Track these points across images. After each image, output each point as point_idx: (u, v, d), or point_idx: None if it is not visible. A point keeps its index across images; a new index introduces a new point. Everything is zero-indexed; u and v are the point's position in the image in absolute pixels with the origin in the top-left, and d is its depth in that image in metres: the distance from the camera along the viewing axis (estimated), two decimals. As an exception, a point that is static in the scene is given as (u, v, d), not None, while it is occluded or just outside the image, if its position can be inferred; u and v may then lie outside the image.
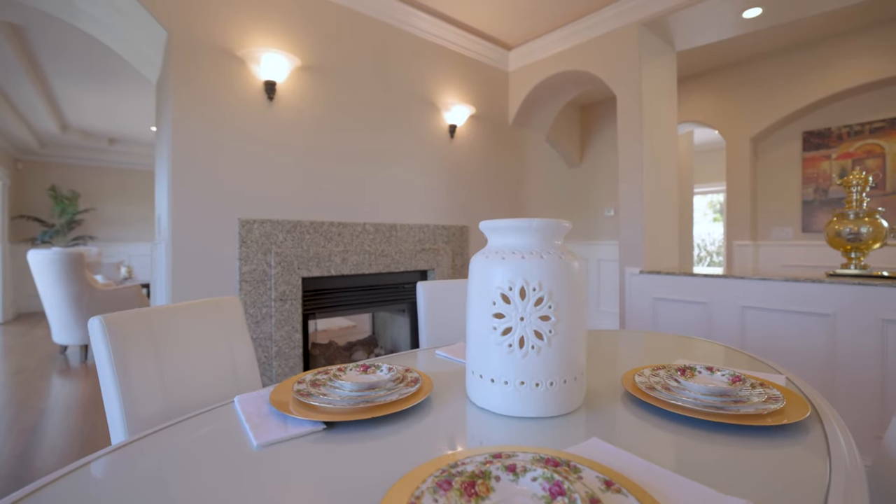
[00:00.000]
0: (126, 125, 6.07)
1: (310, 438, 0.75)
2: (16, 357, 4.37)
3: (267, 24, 2.26)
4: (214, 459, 0.69)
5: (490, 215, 3.29)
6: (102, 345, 0.91)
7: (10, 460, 2.25)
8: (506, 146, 3.42)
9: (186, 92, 2.03)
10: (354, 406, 0.81)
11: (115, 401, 0.90)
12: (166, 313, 1.05)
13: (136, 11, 2.02)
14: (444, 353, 1.27)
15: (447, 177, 3.02)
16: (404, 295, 2.81)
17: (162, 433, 0.77)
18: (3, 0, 2.28)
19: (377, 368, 1.00)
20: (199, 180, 2.06)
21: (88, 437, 2.54)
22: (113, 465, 0.68)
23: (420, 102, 2.87)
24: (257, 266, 2.19)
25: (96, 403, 3.08)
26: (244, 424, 0.78)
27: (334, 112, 2.49)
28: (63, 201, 6.95)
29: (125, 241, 7.68)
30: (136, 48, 2.42)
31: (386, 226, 2.67)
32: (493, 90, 3.32)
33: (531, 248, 0.82)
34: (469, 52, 3.13)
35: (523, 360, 0.79)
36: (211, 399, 1.08)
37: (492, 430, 0.77)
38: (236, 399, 0.90)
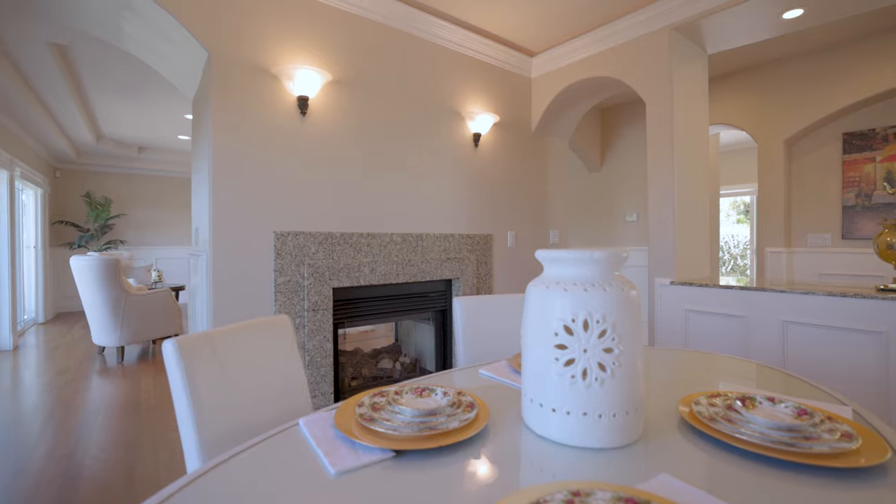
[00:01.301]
0: (154, 134, 6.25)
1: (382, 466, 0.77)
2: (59, 356, 4.54)
3: (299, 42, 2.31)
4: (295, 487, 0.72)
5: (513, 224, 3.30)
6: (176, 366, 0.95)
7: (63, 458, 2.35)
8: (529, 153, 3.42)
9: (225, 110, 2.09)
10: (419, 433, 0.84)
11: (189, 419, 0.94)
12: (227, 334, 1.09)
13: (180, 35, 2.09)
14: (488, 373, 1.29)
15: (471, 186, 3.04)
16: (430, 304, 2.84)
17: (237, 459, 0.81)
18: (55, 24, 2.39)
19: (432, 392, 1.03)
20: (237, 194, 2.12)
21: (133, 438, 2.64)
22: (195, 496, 0.72)
23: (445, 112, 2.89)
24: (291, 277, 2.24)
25: (135, 405, 3.19)
26: (316, 450, 0.82)
27: (363, 124, 2.53)
28: (97, 207, 7.20)
29: (153, 244, 7.90)
30: (174, 66, 2.50)
31: (413, 236, 2.70)
32: (516, 97, 3.33)
33: (592, 279, 0.84)
34: (492, 59, 3.14)
35: (586, 392, 0.80)
36: (271, 417, 1.12)
37: (555, 460, 0.79)
38: (301, 422, 0.93)
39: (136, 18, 2.17)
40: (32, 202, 6.30)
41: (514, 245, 3.28)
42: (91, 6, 2.15)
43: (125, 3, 2.06)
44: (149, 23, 2.16)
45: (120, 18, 2.22)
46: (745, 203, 7.61)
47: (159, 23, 2.11)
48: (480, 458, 0.81)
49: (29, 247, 6.12)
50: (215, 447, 0.97)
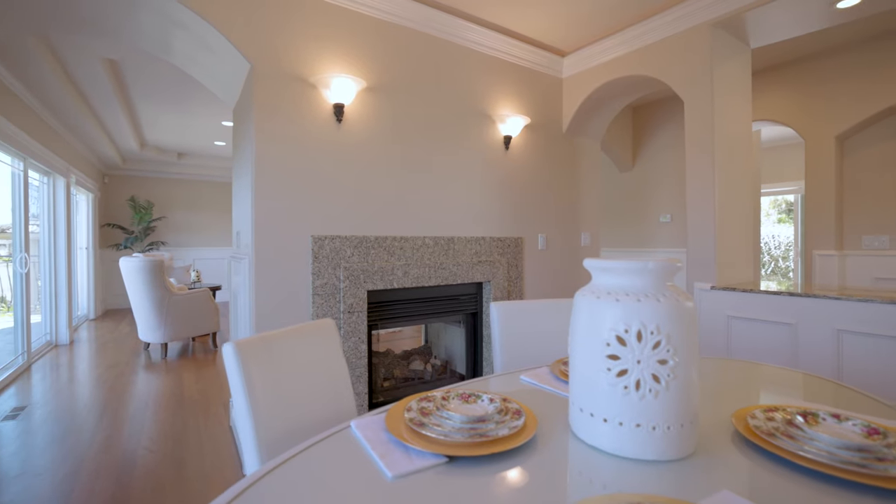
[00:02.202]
0: (192, 141, 6.51)
1: (435, 471, 0.79)
2: (109, 352, 4.80)
3: (335, 51, 2.37)
4: (354, 489, 0.74)
5: (544, 226, 3.27)
6: (235, 368, 1.00)
7: (118, 448, 2.49)
8: (559, 155, 3.38)
9: (267, 119, 2.17)
10: (470, 440, 0.85)
11: (247, 420, 0.99)
12: (281, 337, 1.14)
13: (224, 48, 2.18)
14: (530, 379, 1.29)
15: (502, 189, 3.03)
16: (461, 307, 2.85)
17: (295, 460, 0.84)
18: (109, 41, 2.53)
19: (478, 398, 1.04)
20: (277, 200, 2.19)
21: (179, 430, 2.76)
22: (259, 496, 0.75)
23: (476, 115, 2.90)
24: (328, 280, 2.30)
25: (179, 398, 3.34)
26: (371, 453, 0.84)
27: (396, 130, 2.57)
28: (140, 210, 7.55)
29: (191, 245, 8.23)
30: (217, 77, 2.60)
31: (444, 239, 2.72)
32: (546, 98, 3.30)
33: (646, 290, 0.83)
34: (523, 61, 3.13)
35: (640, 403, 0.80)
36: (320, 418, 1.15)
37: (606, 471, 0.79)
38: (353, 424, 0.96)
39: (184, 34, 2.27)
40: (84, 206, 6.67)
41: (544, 248, 3.26)
42: (144, 24, 2.27)
43: (176, 21, 2.16)
44: (196, 38, 2.26)
45: (170, 35, 2.33)
46: (788, 202, 7.28)
47: (205, 37, 2.20)
48: (531, 466, 0.81)
49: (82, 248, 6.49)
50: (271, 446, 1.01)
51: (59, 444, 2.60)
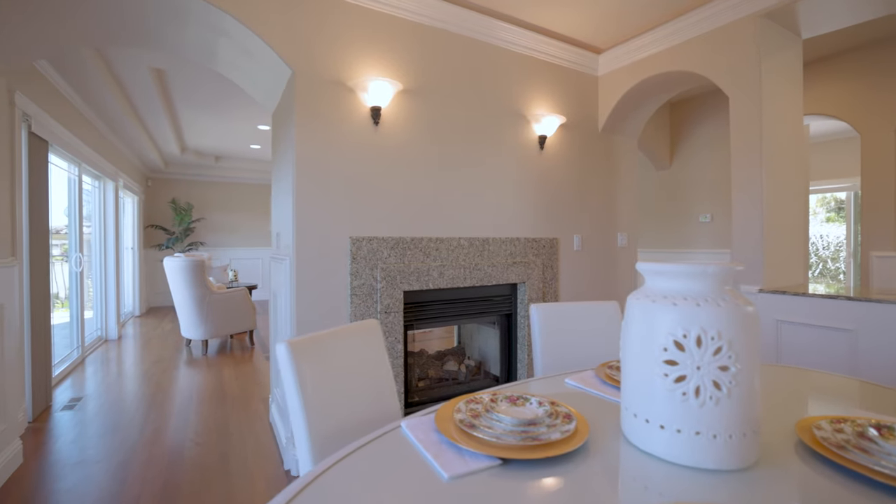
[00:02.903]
0: (229, 144, 6.74)
1: (490, 473, 0.80)
2: (154, 347, 5.04)
3: (373, 55, 2.40)
4: (411, 488, 0.75)
5: (579, 227, 3.22)
6: (289, 368, 1.03)
7: (167, 440, 2.61)
8: (595, 154, 3.32)
9: (307, 123, 2.22)
10: (522, 443, 0.85)
11: (301, 418, 1.02)
12: (330, 337, 1.17)
13: (267, 55, 2.24)
14: (575, 383, 1.28)
15: (537, 189, 3.00)
16: (495, 308, 2.84)
17: (350, 459, 0.86)
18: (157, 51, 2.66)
19: (526, 401, 1.03)
20: (317, 202, 2.25)
21: (222, 424, 2.87)
22: (318, 494, 0.77)
23: (510, 115, 2.88)
24: (365, 280, 2.34)
25: (221, 393, 3.47)
26: (425, 454, 0.85)
27: (431, 131, 2.58)
28: (181, 212, 7.88)
29: (228, 245, 8.52)
30: (258, 83, 2.69)
31: (479, 240, 2.72)
32: (581, 97, 3.24)
33: (704, 294, 0.81)
34: (557, 59, 3.08)
35: (699, 410, 0.78)
36: (367, 418, 1.18)
37: (662, 479, 0.77)
38: (403, 424, 0.98)
39: (228, 43, 2.35)
40: (130, 208, 7.02)
41: (580, 248, 3.21)
42: (192, 35, 2.37)
43: (221, 31, 2.25)
44: (239, 46, 2.34)
45: (215, 44, 2.42)
46: (838, 200, 6.89)
47: (248, 45, 2.27)
48: (584, 471, 0.80)
49: (128, 248, 6.82)
50: (322, 443, 1.04)
51: (113, 435, 2.75)
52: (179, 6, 2.08)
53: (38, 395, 3.07)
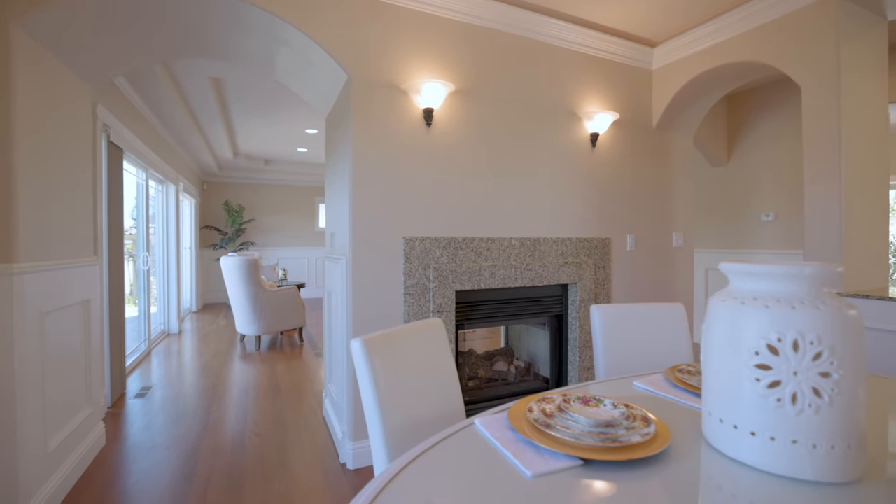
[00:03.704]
0: (278, 148, 7.02)
1: (572, 473, 0.80)
2: (211, 342, 5.33)
3: (425, 57, 2.44)
4: (495, 485, 0.77)
5: (633, 227, 3.13)
6: (364, 364, 1.07)
7: (228, 430, 2.76)
8: (649, 151, 3.22)
9: (363, 126, 2.29)
10: (602, 444, 0.84)
11: (375, 413, 1.05)
12: (400, 334, 1.20)
13: (324, 61, 2.33)
14: (645, 386, 1.25)
15: (588, 188, 2.95)
16: (545, 308, 2.81)
17: (428, 455, 0.87)
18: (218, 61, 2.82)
19: (599, 402, 1.03)
20: (372, 203, 2.31)
21: (278, 416, 3.00)
22: (402, 489, 0.80)
23: (562, 113, 2.85)
24: (418, 280, 2.37)
25: (275, 387, 3.63)
26: (503, 451, 0.86)
27: (482, 131, 2.59)
28: (233, 213, 8.29)
29: (276, 245, 8.88)
30: (314, 88, 2.79)
31: (530, 240, 2.70)
32: (635, 92, 3.15)
33: (800, 296, 0.77)
34: (609, 54, 3.01)
35: (797, 418, 0.75)
36: (434, 415, 1.20)
37: (752, 487, 0.74)
38: (477, 422, 0.99)
39: (287, 51, 2.46)
40: (188, 210, 7.45)
41: (633, 249, 3.12)
42: (254, 46, 2.49)
43: (282, 41, 2.35)
44: (297, 53, 2.44)
45: (274, 53, 2.54)
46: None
47: (307, 53, 2.37)
48: (667, 475, 0.79)
49: (186, 248, 7.25)
50: (394, 438, 1.07)
51: (179, 423, 2.93)
52: (246, 19, 2.20)
53: (115, 383, 3.33)
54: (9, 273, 1.73)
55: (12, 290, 1.74)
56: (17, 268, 1.76)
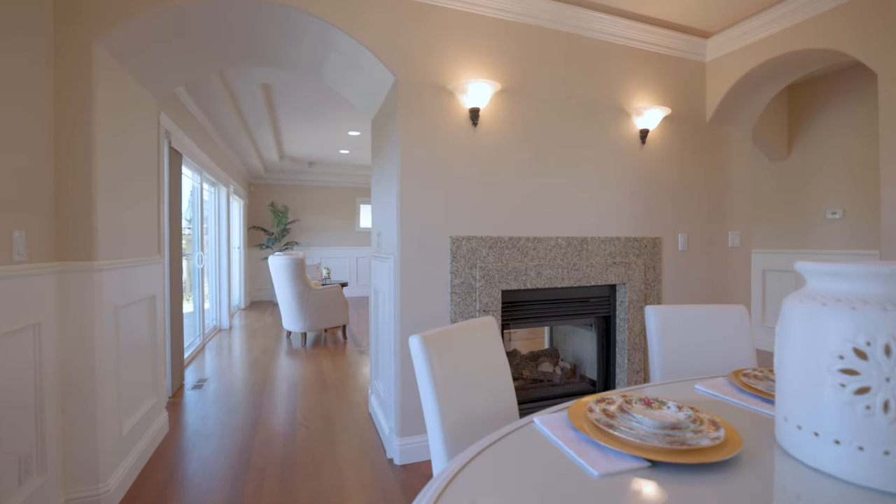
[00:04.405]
0: (321, 150, 7.24)
1: (639, 474, 0.78)
2: (260, 338, 5.57)
3: (470, 57, 2.44)
4: (560, 484, 0.77)
5: (685, 225, 3.01)
6: (422, 358, 1.09)
7: (280, 422, 2.87)
8: (703, 147, 3.09)
9: (410, 127, 2.32)
10: (670, 446, 0.82)
11: (433, 408, 1.07)
12: (453, 331, 1.21)
13: (372, 64, 2.38)
14: (707, 390, 1.21)
15: (638, 186, 2.86)
16: (592, 309, 2.76)
17: (490, 452, 0.88)
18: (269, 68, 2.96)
19: (662, 404, 1.00)
20: (419, 203, 2.34)
21: (325, 411, 3.10)
22: (467, 484, 0.81)
23: (610, 110, 2.78)
24: (465, 279, 2.39)
25: (322, 383, 3.74)
26: (566, 450, 0.86)
27: (528, 130, 2.57)
28: (278, 214, 8.61)
29: (319, 245, 9.16)
30: (360, 91, 2.86)
31: (577, 240, 2.65)
32: (687, 86, 3.03)
33: (892, 297, 0.73)
34: (659, 47, 2.91)
35: (889, 427, 0.70)
36: (489, 411, 1.21)
37: (839, 499, 0.70)
38: (537, 420, 0.99)
39: (336, 55, 2.54)
40: (237, 211, 7.82)
41: (685, 248, 3.00)
42: (305, 52, 2.58)
43: (332, 46, 2.43)
44: (346, 57, 2.51)
45: (323, 58, 2.62)
46: None
47: (355, 56, 2.43)
48: (739, 481, 0.76)
49: (235, 248, 7.61)
50: (452, 434, 1.09)
51: (233, 414, 3.08)
52: (299, 26, 2.29)
53: (175, 375, 3.54)
54: (90, 270, 1.89)
55: (92, 286, 1.89)
56: (96, 265, 1.91)
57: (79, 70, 1.86)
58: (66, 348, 1.84)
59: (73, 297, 1.85)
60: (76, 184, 1.87)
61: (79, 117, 1.87)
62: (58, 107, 1.84)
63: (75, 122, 1.86)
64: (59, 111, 1.84)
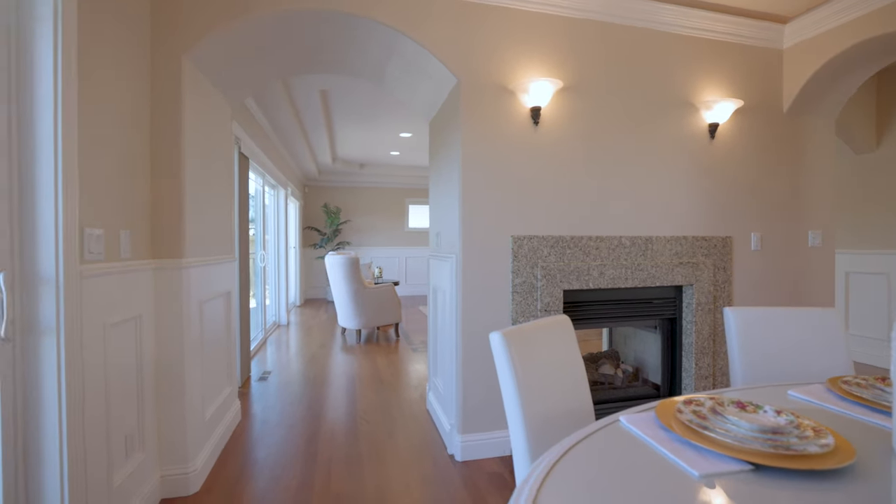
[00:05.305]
0: (373, 152, 7.43)
1: (741, 477, 0.76)
2: (316, 334, 5.81)
3: (531, 56, 2.43)
4: (659, 483, 0.76)
5: (758, 224, 2.84)
6: (504, 354, 1.11)
7: (343, 415, 2.99)
8: (778, 140, 2.89)
9: (472, 128, 2.35)
10: (773, 451, 0.79)
11: (515, 403, 1.09)
12: (534, 329, 1.22)
13: (434, 67, 2.43)
14: (803, 396, 1.14)
15: (707, 183, 2.73)
16: (657, 311, 2.66)
17: (578, 450, 0.88)
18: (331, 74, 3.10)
19: (758, 408, 0.96)
20: (480, 202, 2.36)
21: (383, 405, 3.19)
22: (561, 481, 0.81)
23: (675, 104, 2.67)
24: (526, 279, 2.38)
25: (378, 379, 3.85)
26: (661, 450, 0.85)
27: (590, 127, 2.52)
28: (331, 215, 8.94)
29: (369, 245, 9.41)
30: (419, 94, 2.92)
31: (642, 239, 2.57)
32: (761, 75, 2.85)
33: None
34: (730, 36, 2.76)
35: None
36: (566, 408, 1.21)
37: None
38: (622, 419, 0.98)
39: (398, 60, 2.61)
40: (293, 213, 8.19)
41: (759, 248, 2.83)
42: (368, 58, 2.68)
43: (394, 50, 2.50)
44: (408, 62, 2.58)
45: (385, 63, 2.70)
46: None
47: (417, 60, 2.49)
48: (855, 492, 0.72)
49: (292, 247, 7.97)
50: (535, 429, 1.09)
51: (297, 406, 3.24)
52: (365, 33, 2.37)
53: (243, 367, 3.77)
54: (179, 267, 2.05)
55: (181, 282, 2.06)
56: (185, 262, 2.07)
57: (171, 84, 2.04)
58: (160, 339, 2.01)
59: (166, 291, 2.02)
60: (169, 188, 2.04)
61: (171, 129, 2.04)
62: (153, 120, 2.02)
63: (168, 133, 2.04)
64: (154, 124, 2.02)
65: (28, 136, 1.31)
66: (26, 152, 1.30)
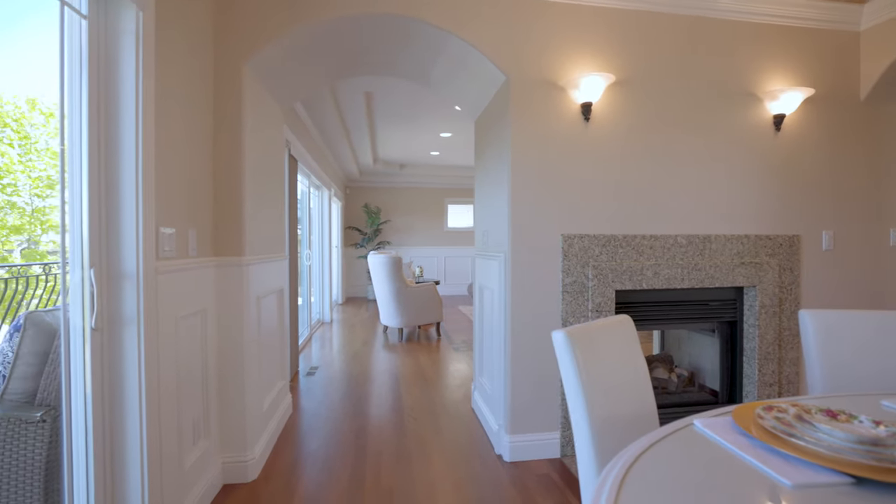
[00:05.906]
0: (413, 152, 7.51)
1: (839, 490, 0.71)
2: (359, 332, 5.94)
3: (582, 51, 2.38)
4: (749, 492, 0.72)
5: (830, 222, 2.64)
6: (568, 353, 1.08)
7: (391, 411, 3.04)
8: (854, 130, 2.68)
9: (521, 126, 2.32)
10: (878, 464, 0.73)
11: (580, 402, 1.06)
12: (593, 329, 1.19)
13: (482, 66, 2.42)
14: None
15: (771, 178, 2.57)
16: (715, 313, 2.53)
17: (652, 455, 0.85)
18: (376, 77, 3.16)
19: (853, 418, 0.89)
20: (530, 201, 2.33)
21: (427, 403, 3.22)
22: (640, 484, 0.78)
23: (736, 95, 2.53)
24: (577, 278, 2.33)
25: (421, 377, 3.88)
26: (744, 456, 0.80)
27: (643, 123, 2.44)
28: (372, 215, 9.11)
29: (409, 244, 9.52)
30: (464, 93, 2.92)
31: (699, 238, 2.46)
32: (834, 61, 2.65)
33: None
34: (797, 20, 2.58)
35: None
36: (630, 410, 1.17)
37: None
38: (698, 423, 0.94)
39: (444, 60, 2.62)
40: (336, 213, 8.41)
41: (830, 247, 2.64)
42: (415, 60, 2.70)
43: (440, 51, 2.51)
44: (454, 62, 2.58)
45: (432, 64, 2.72)
46: None
47: (465, 60, 2.49)
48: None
49: (335, 246, 8.19)
50: (600, 429, 1.06)
51: (345, 400, 3.32)
52: (413, 34, 2.40)
53: (292, 362, 3.91)
54: (240, 264, 2.15)
55: (241, 278, 2.15)
56: (244, 260, 2.17)
57: (232, 91, 2.14)
58: (221, 331, 2.12)
59: (227, 287, 2.13)
60: (229, 188, 2.14)
61: (232, 134, 2.14)
62: (216, 126, 2.12)
63: (229, 139, 2.14)
64: (217, 130, 2.12)
65: (114, 145, 1.41)
66: (112, 159, 1.41)
